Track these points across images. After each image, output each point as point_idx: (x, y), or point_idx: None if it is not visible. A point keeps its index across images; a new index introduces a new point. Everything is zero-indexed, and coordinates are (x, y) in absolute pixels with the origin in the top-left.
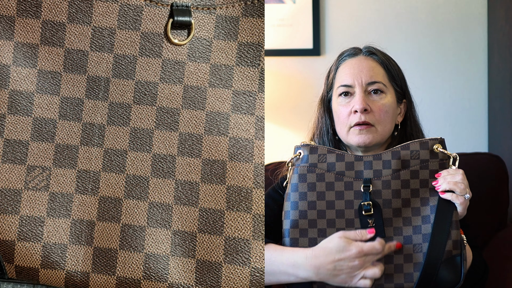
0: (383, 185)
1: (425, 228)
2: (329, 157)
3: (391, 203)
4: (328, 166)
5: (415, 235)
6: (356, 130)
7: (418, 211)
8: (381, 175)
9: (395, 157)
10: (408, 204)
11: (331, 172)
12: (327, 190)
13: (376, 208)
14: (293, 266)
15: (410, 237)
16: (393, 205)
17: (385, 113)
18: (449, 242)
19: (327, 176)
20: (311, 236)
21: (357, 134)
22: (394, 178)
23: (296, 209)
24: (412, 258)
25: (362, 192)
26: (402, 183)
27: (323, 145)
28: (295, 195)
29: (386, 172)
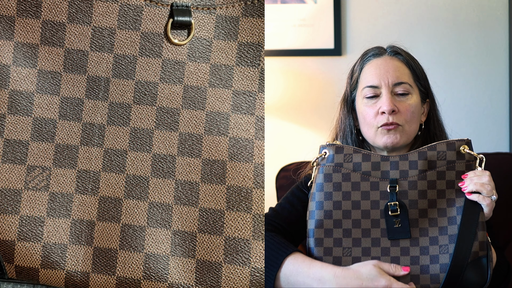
0: (409, 185)
1: (451, 229)
2: (355, 157)
3: (417, 203)
4: (354, 166)
5: (441, 236)
6: (384, 131)
7: (444, 212)
8: (407, 176)
9: (421, 158)
10: (434, 205)
11: (357, 172)
12: (352, 190)
13: (402, 208)
14: (319, 281)
15: (436, 238)
16: (419, 206)
17: (412, 114)
18: (476, 243)
19: (353, 176)
20: (336, 236)
21: (385, 134)
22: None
23: (321, 209)
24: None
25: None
26: (429, 184)
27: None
28: (320, 195)
29: (413, 172)
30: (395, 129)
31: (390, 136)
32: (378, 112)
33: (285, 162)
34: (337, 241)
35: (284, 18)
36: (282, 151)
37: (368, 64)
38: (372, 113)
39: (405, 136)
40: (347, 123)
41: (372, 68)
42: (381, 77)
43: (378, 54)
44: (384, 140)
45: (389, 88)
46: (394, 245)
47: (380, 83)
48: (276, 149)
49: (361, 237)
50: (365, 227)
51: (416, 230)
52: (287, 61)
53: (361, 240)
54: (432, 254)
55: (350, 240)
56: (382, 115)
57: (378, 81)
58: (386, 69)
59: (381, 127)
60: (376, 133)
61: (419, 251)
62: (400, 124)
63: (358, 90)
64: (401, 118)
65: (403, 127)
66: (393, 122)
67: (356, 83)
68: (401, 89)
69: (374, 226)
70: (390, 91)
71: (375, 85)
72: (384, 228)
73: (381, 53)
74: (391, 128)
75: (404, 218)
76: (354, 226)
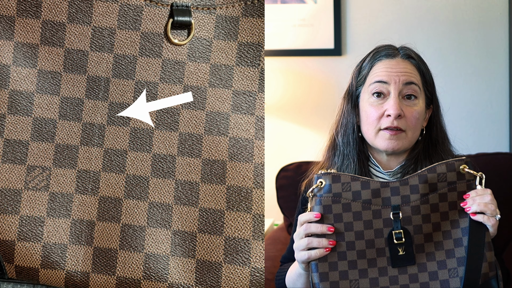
0: (412, 211)
1: (458, 252)
2: (353, 185)
3: (422, 228)
4: (354, 195)
5: (449, 259)
6: (386, 135)
7: (449, 234)
8: (409, 201)
9: (422, 181)
10: (438, 228)
11: (357, 201)
12: (354, 220)
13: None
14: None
15: (444, 262)
16: (424, 230)
17: (416, 120)
18: (485, 264)
19: (353, 206)
20: (342, 269)
21: (386, 138)
22: (423, 203)
23: None
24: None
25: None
26: (432, 207)
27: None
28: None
29: (414, 197)
30: (397, 134)
31: (392, 142)
32: (383, 114)
33: (285, 162)
34: (343, 274)
35: (284, 18)
36: (282, 151)
37: (379, 63)
38: (376, 114)
39: (407, 142)
40: (349, 119)
41: (383, 67)
42: (392, 75)
43: (391, 55)
44: (385, 145)
45: (398, 88)
46: (402, 273)
47: (390, 80)
48: (276, 149)
49: (368, 268)
50: (370, 257)
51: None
52: (287, 61)
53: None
54: (441, 279)
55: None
56: (387, 117)
57: (388, 78)
58: (398, 69)
59: (383, 130)
60: (377, 135)
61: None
62: (403, 129)
63: (364, 86)
64: (405, 124)
65: (406, 133)
66: (397, 127)
67: (364, 79)
68: (409, 90)
69: (379, 255)
70: (399, 92)
71: (384, 81)
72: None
73: (394, 55)
74: (393, 134)
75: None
76: (359, 257)
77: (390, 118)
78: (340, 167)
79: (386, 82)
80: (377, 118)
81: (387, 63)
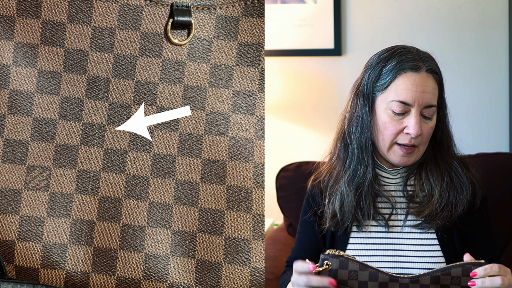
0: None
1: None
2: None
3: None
4: (360, 285)
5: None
6: (400, 152)
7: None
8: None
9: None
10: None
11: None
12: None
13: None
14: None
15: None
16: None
17: (429, 135)
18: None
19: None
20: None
21: (400, 155)
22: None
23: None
24: None
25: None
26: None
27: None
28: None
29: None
30: (411, 152)
31: (405, 158)
32: (401, 130)
33: (285, 162)
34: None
35: (284, 18)
36: (282, 151)
37: (403, 76)
38: (395, 129)
39: (418, 156)
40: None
41: (409, 83)
42: (416, 96)
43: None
44: (398, 160)
45: (420, 109)
46: None
47: (414, 103)
48: (276, 149)
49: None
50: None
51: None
52: (287, 61)
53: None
54: None
55: None
56: (406, 135)
57: (412, 100)
58: (423, 89)
59: (398, 145)
60: (391, 148)
61: None
62: (417, 145)
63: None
64: (420, 140)
65: (419, 148)
66: (413, 145)
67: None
68: (429, 113)
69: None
70: (420, 113)
71: (408, 103)
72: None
73: (419, 68)
74: (408, 152)
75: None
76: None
77: (409, 137)
78: (354, 172)
79: (410, 104)
80: (394, 133)
81: (412, 79)
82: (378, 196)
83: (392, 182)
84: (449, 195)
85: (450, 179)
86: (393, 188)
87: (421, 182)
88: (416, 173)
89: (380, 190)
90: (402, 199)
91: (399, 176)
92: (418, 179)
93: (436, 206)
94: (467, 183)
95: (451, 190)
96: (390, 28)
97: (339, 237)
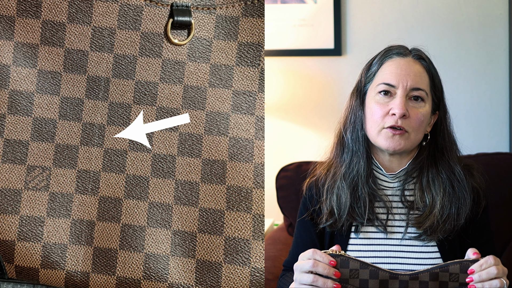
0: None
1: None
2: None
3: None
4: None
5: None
6: (388, 133)
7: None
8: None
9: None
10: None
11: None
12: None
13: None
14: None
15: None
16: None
17: (420, 122)
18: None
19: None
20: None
21: (389, 137)
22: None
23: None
24: None
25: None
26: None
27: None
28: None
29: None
30: (400, 134)
31: (394, 141)
32: (387, 113)
33: (285, 162)
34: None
35: (284, 18)
36: (282, 151)
37: (389, 61)
38: (381, 113)
39: (409, 144)
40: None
41: (393, 66)
42: (401, 78)
43: (402, 54)
44: (386, 144)
45: (406, 91)
46: None
47: (398, 84)
48: (276, 149)
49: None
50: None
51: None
52: (287, 61)
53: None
54: None
55: None
56: (392, 116)
57: (396, 81)
58: (407, 71)
59: (387, 128)
60: (379, 133)
61: None
62: (407, 130)
63: (372, 84)
64: (409, 124)
65: (409, 134)
66: (401, 127)
67: (372, 76)
68: (416, 95)
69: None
70: (406, 95)
71: (392, 84)
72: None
73: (405, 54)
74: (396, 133)
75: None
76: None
77: (395, 117)
78: (348, 165)
79: (394, 86)
80: (381, 116)
81: (397, 62)
82: (376, 201)
83: (390, 187)
84: (451, 206)
85: (452, 189)
86: (390, 193)
87: (422, 190)
88: (415, 180)
89: (376, 191)
90: (399, 204)
91: (397, 181)
92: (418, 188)
93: (437, 218)
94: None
95: (453, 200)
96: (390, 28)
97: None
